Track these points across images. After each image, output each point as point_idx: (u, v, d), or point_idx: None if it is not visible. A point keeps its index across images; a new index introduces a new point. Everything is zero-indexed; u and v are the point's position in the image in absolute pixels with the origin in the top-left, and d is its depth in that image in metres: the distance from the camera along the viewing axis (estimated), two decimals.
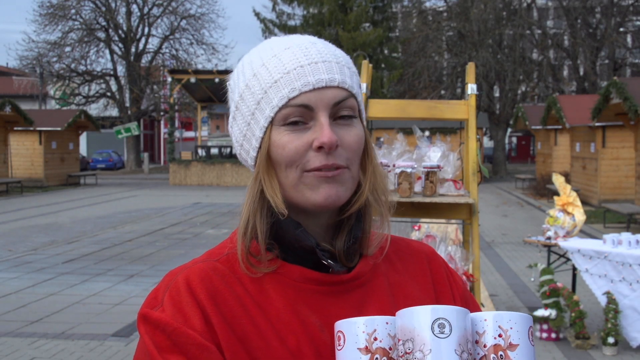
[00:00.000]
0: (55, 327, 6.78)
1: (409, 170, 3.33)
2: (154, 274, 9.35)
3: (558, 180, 6.78)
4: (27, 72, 38.64)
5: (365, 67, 4.03)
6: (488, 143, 41.14)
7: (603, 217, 14.58)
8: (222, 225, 14.88)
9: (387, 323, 0.89)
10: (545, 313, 6.17)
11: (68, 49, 37.13)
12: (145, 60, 40.38)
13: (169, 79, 30.48)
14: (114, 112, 41.13)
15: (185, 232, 13.98)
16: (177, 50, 39.82)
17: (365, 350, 0.88)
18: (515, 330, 0.89)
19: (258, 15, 36.98)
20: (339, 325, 0.91)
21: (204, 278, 1.00)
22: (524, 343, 0.88)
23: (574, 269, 6.68)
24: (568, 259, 6.66)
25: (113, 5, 38.04)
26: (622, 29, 32.70)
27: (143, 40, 40.08)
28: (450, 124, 22.91)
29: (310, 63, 1.00)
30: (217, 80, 28.11)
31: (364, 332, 0.88)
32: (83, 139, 39.97)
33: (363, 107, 1.08)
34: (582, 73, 32.65)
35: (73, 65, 37.46)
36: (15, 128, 24.53)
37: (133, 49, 39.20)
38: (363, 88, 3.85)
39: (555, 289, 6.22)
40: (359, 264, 1.06)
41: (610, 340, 5.82)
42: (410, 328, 0.86)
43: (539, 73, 33.43)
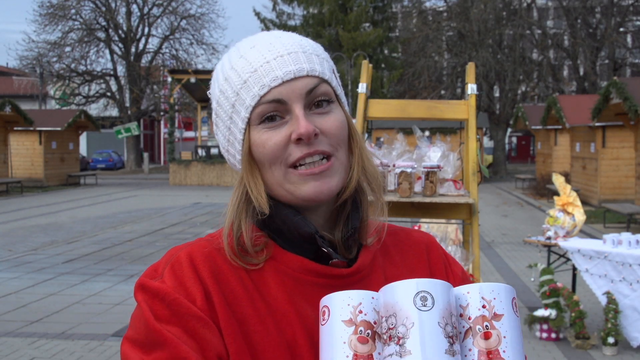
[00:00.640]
0: (55, 327, 6.78)
1: (409, 170, 3.33)
2: None
3: (558, 180, 6.78)
4: (27, 72, 38.65)
5: (365, 67, 4.03)
6: (488, 143, 41.14)
7: (603, 217, 14.58)
8: (222, 225, 14.85)
9: (372, 298, 0.88)
10: (545, 313, 6.17)
11: (68, 49, 37.16)
12: (145, 60, 40.39)
13: (169, 79, 30.47)
14: (114, 112, 41.14)
15: (185, 232, 13.98)
16: (177, 50, 39.85)
17: (350, 322, 0.87)
18: (499, 301, 0.88)
19: (258, 15, 37.00)
20: (324, 301, 0.90)
21: (208, 256, 1.00)
22: (509, 313, 0.88)
23: (574, 269, 6.67)
24: (568, 259, 6.65)
25: (113, 5, 38.05)
26: (622, 29, 32.69)
27: (143, 40, 40.10)
28: (450, 124, 22.91)
29: (276, 57, 0.99)
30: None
31: (349, 304, 0.87)
32: (83, 139, 39.98)
33: (341, 91, 1.07)
34: (582, 73, 32.65)
35: (73, 65, 37.48)
36: (15, 128, 24.54)
37: (133, 49, 39.21)
38: (363, 88, 3.85)
39: (555, 289, 6.22)
40: (360, 258, 1.05)
41: (610, 340, 5.82)
42: (393, 303, 0.85)
43: (539, 73, 33.43)
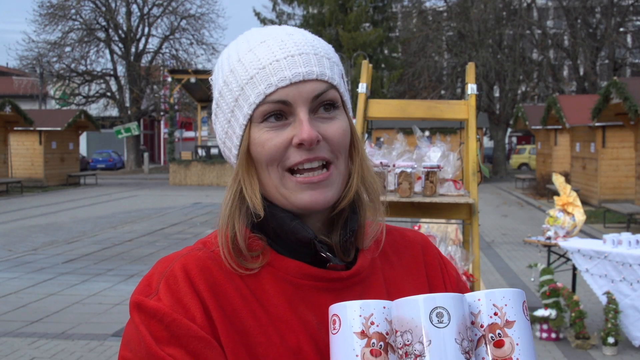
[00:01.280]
0: (55, 327, 6.78)
1: (409, 170, 3.33)
2: None
3: (558, 180, 6.78)
4: (27, 72, 38.66)
5: (365, 67, 4.03)
6: (488, 143, 41.14)
7: (603, 217, 14.58)
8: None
9: (384, 307, 0.87)
10: (545, 313, 6.17)
11: (68, 49, 37.16)
12: (145, 60, 40.39)
13: (169, 79, 30.48)
14: (114, 112, 41.14)
15: (185, 232, 13.98)
16: (177, 50, 39.85)
17: (362, 335, 0.85)
18: (510, 307, 0.87)
19: (258, 15, 37.01)
20: (334, 309, 0.89)
21: (203, 268, 0.96)
22: (520, 319, 0.87)
23: (574, 269, 6.67)
24: (568, 259, 6.65)
25: (113, 5, 38.05)
26: (622, 29, 32.70)
27: (143, 40, 40.10)
28: (450, 124, 22.91)
29: (287, 56, 0.96)
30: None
31: (361, 315, 0.86)
32: (83, 139, 39.96)
33: (347, 97, 1.05)
34: (582, 73, 32.65)
35: (73, 65, 37.47)
36: (15, 128, 24.54)
37: (133, 49, 39.21)
38: (363, 88, 3.85)
39: (555, 289, 6.22)
40: (359, 260, 1.03)
41: (611, 340, 5.82)
42: (408, 319, 0.84)
43: (539, 73, 33.43)
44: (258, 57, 0.97)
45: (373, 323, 0.86)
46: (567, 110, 19.98)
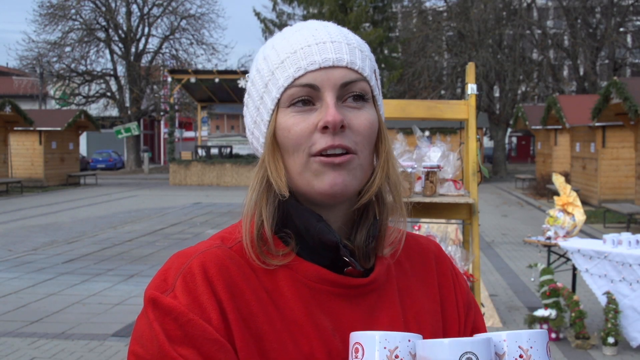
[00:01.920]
0: (55, 327, 6.78)
1: (409, 170, 3.33)
2: (154, 274, 9.34)
3: (558, 180, 6.78)
4: (27, 72, 38.66)
5: None
6: (488, 143, 41.13)
7: (603, 217, 14.58)
8: (222, 225, 14.86)
9: (409, 340, 0.87)
10: (545, 313, 6.17)
11: (68, 49, 37.16)
12: (145, 60, 40.39)
13: (169, 79, 30.47)
14: (114, 112, 41.14)
15: (185, 232, 13.98)
16: (177, 50, 39.85)
17: None
18: (535, 349, 0.87)
19: (258, 15, 36.99)
20: (358, 337, 0.88)
21: (222, 267, 0.94)
22: None
23: (574, 269, 6.67)
24: (568, 259, 6.65)
25: (113, 5, 38.05)
26: (622, 29, 32.70)
27: (143, 40, 40.10)
28: (450, 124, 22.91)
29: (318, 43, 0.97)
30: (217, 80, 28.12)
31: (386, 347, 0.85)
32: (83, 139, 39.97)
33: (378, 92, 1.03)
34: (582, 73, 32.65)
35: (73, 65, 37.48)
36: (15, 128, 24.55)
37: (133, 49, 39.21)
38: None
39: (555, 289, 6.22)
40: (376, 268, 1.02)
41: (610, 340, 5.82)
42: None
43: (539, 73, 33.43)
44: (291, 43, 0.98)
45: (397, 356, 0.85)
46: (567, 110, 19.99)
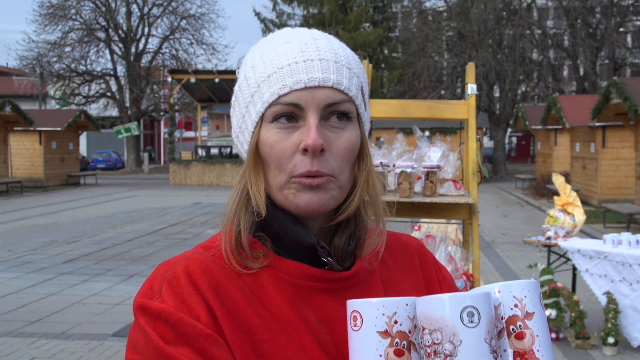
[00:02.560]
0: (55, 327, 6.78)
1: (409, 170, 3.33)
2: None
3: (558, 180, 6.78)
4: (27, 72, 38.63)
5: (365, 67, 4.03)
6: (488, 143, 41.13)
7: (603, 217, 14.58)
8: (222, 226, 14.85)
9: (406, 305, 0.87)
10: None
11: (68, 49, 37.14)
12: (145, 60, 40.38)
13: (169, 79, 30.49)
14: (114, 112, 41.13)
15: (185, 232, 13.98)
16: (177, 50, 39.83)
17: (385, 334, 0.85)
18: (530, 299, 0.88)
19: (258, 15, 36.99)
20: (355, 305, 0.88)
21: (205, 270, 0.97)
22: (539, 310, 0.88)
23: (574, 269, 6.68)
24: (568, 259, 6.65)
25: (113, 5, 38.04)
26: (622, 29, 32.69)
27: (143, 40, 40.09)
28: (450, 124, 22.91)
29: (306, 60, 0.96)
30: (217, 80, 28.12)
31: (384, 314, 0.86)
32: (83, 139, 39.98)
33: (364, 110, 1.04)
34: (582, 73, 32.65)
35: (73, 65, 37.46)
36: (15, 128, 24.54)
37: (133, 49, 39.20)
38: None
39: (555, 289, 6.22)
40: (357, 263, 1.04)
41: (610, 340, 5.82)
42: (438, 317, 0.84)
43: (539, 73, 33.42)
44: (279, 56, 0.98)
45: (397, 322, 0.86)
46: (567, 110, 19.99)
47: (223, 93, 30.15)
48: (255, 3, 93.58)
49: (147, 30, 39.97)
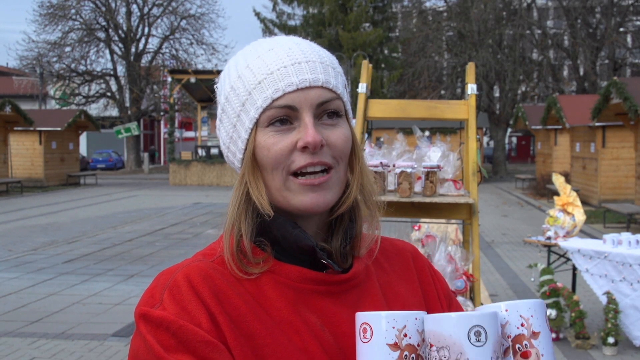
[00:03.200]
0: (55, 327, 6.78)
1: (409, 170, 3.33)
2: (154, 274, 9.30)
3: (558, 180, 6.78)
4: (27, 72, 38.63)
5: (365, 67, 4.03)
6: (488, 143, 41.12)
7: (603, 217, 14.58)
8: (222, 226, 14.83)
9: (416, 319, 0.89)
10: (546, 312, 6.17)
11: (68, 49, 37.15)
12: (145, 60, 40.38)
13: (169, 79, 30.48)
14: (114, 112, 41.14)
15: (185, 232, 13.97)
16: (177, 50, 39.83)
17: (395, 347, 0.87)
18: (536, 318, 0.90)
19: (258, 15, 37.01)
20: (365, 317, 0.90)
21: (206, 276, 0.98)
22: (544, 330, 0.90)
23: (574, 269, 6.68)
24: (568, 259, 6.65)
25: (113, 5, 38.04)
26: (622, 29, 32.69)
27: (143, 40, 40.09)
28: (450, 124, 22.91)
29: (294, 63, 0.99)
30: (217, 80, 28.11)
31: (394, 327, 0.88)
32: (83, 139, 39.97)
33: (349, 107, 1.08)
34: (582, 73, 32.65)
35: (73, 65, 37.47)
36: (15, 128, 24.54)
37: (133, 49, 39.20)
38: (363, 88, 3.85)
39: (555, 289, 6.22)
40: (355, 265, 1.06)
41: (611, 340, 5.82)
42: (446, 335, 0.86)
43: (539, 73, 33.43)
44: (266, 63, 1.00)
45: (406, 335, 0.88)
46: (567, 110, 19.98)
47: None
48: (255, 3, 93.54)
49: (147, 30, 39.99)
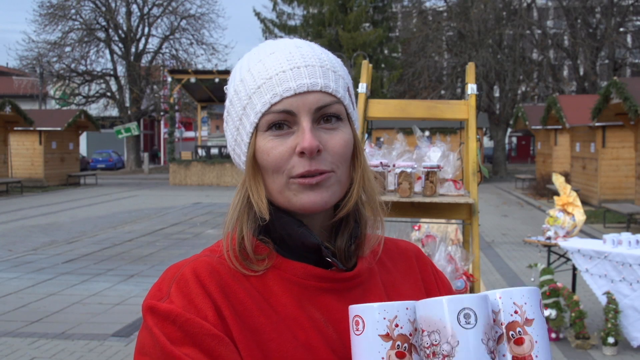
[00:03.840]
0: (55, 327, 6.78)
1: (409, 170, 3.32)
2: (154, 274, 9.35)
3: (558, 180, 6.78)
4: (27, 72, 38.64)
5: (365, 67, 4.03)
6: (488, 143, 41.13)
7: (603, 217, 14.58)
8: (222, 225, 14.84)
9: (407, 309, 0.90)
10: (545, 313, 6.17)
11: (68, 49, 37.15)
12: (145, 60, 40.39)
13: (169, 79, 30.47)
14: (114, 112, 41.14)
15: (185, 232, 13.98)
16: (177, 50, 39.84)
17: (387, 337, 0.88)
18: (530, 305, 0.90)
19: (258, 15, 36.99)
20: (357, 310, 0.91)
21: (213, 271, 0.99)
22: (538, 317, 0.90)
23: (574, 269, 6.68)
24: (568, 259, 6.66)
25: (113, 5, 38.04)
26: (622, 29, 32.68)
27: (143, 40, 40.09)
28: (450, 124, 22.90)
29: (293, 68, 1.00)
30: (217, 80, 28.13)
31: (385, 318, 0.88)
32: (83, 139, 39.97)
33: (353, 109, 1.08)
34: (582, 73, 32.64)
35: (73, 65, 37.47)
36: (15, 128, 24.54)
37: (133, 49, 39.21)
38: (363, 88, 3.85)
39: (555, 289, 6.22)
40: (359, 264, 1.07)
41: (610, 340, 5.82)
42: (436, 319, 0.86)
43: (539, 73, 33.42)
44: (266, 67, 1.01)
45: (397, 325, 0.88)
46: (567, 110, 19.98)
47: (223, 93, 29.25)
48: (255, 3, 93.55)
49: (147, 30, 39.99)
